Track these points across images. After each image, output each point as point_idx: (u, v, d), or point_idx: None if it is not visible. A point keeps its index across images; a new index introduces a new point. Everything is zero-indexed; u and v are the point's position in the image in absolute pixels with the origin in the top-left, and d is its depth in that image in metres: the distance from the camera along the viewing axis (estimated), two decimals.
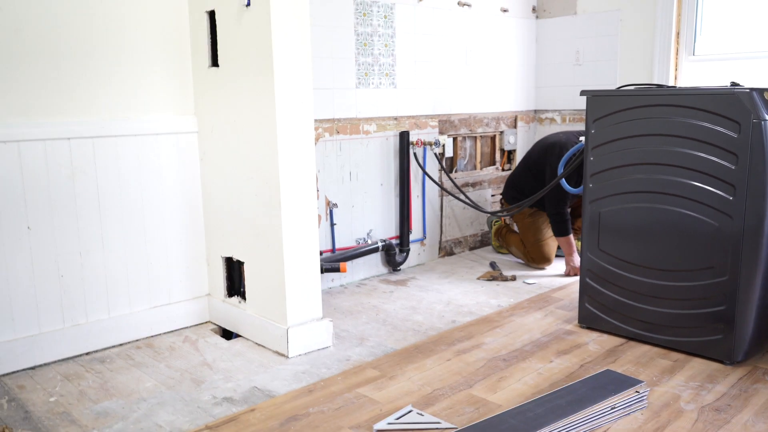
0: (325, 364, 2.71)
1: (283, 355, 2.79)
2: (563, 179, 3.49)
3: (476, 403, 2.33)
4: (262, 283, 2.89)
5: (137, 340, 3.00)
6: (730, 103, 2.46)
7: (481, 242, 4.63)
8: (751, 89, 2.43)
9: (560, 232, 3.85)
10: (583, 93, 2.89)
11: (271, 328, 2.84)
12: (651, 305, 2.77)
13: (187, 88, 3.07)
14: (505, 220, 4.53)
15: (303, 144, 2.74)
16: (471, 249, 4.56)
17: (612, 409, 2.19)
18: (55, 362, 2.77)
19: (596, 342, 2.86)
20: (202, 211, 3.17)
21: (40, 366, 2.73)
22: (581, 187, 3.38)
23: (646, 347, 2.78)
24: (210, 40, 2.96)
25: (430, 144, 4.04)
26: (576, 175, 3.70)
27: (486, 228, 4.63)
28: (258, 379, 2.59)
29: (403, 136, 3.92)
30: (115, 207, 2.89)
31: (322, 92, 3.53)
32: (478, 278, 3.85)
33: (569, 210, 3.90)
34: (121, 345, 2.95)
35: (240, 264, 3.04)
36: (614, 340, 2.87)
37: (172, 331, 3.11)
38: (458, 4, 4.21)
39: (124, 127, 2.88)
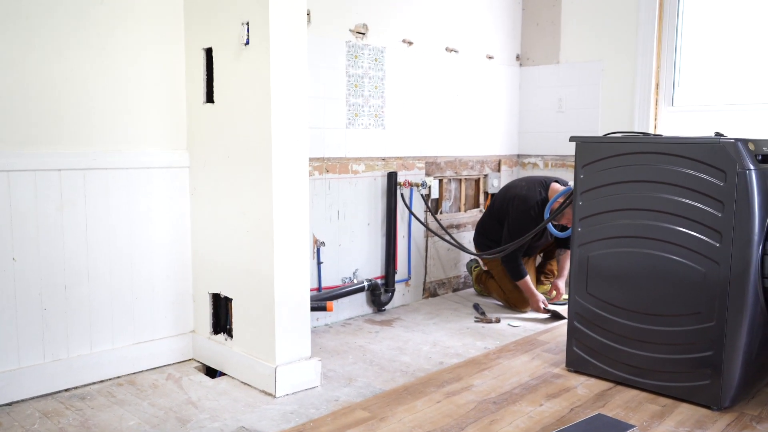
0: (313, 404, 2.67)
1: (270, 394, 2.74)
2: (549, 224, 3.53)
3: None
4: (251, 320, 2.85)
5: (119, 377, 2.93)
6: (716, 153, 2.53)
7: (464, 284, 4.64)
8: (736, 140, 2.51)
9: (515, 276, 3.93)
10: (572, 139, 2.96)
11: (258, 367, 2.79)
12: (639, 349, 2.79)
13: (180, 123, 3.07)
14: (483, 265, 4.55)
15: (297, 182, 2.75)
16: (454, 291, 4.57)
17: None
18: (33, 398, 2.68)
19: (585, 386, 2.87)
20: (191, 246, 3.13)
21: (18, 402, 2.64)
22: (568, 230, 3.44)
23: (635, 392, 2.80)
24: (206, 77, 2.97)
25: (417, 185, 4.08)
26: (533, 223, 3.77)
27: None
28: (245, 418, 2.53)
29: (391, 177, 3.95)
30: (102, 240, 2.85)
31: (313, 131, 3.56)
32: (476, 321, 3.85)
33: (529, 254, 3.99)
34: (102, 381, 2.87)
35: (228, 300, 3.00)
36: (602, 384, 2.88)
37: (155, 368, 3.04)
38: (446, 49, 4.30)
39: (115, 160, 2.86)
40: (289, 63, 2.67)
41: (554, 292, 4.13)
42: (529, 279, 3.94)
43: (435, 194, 4.30)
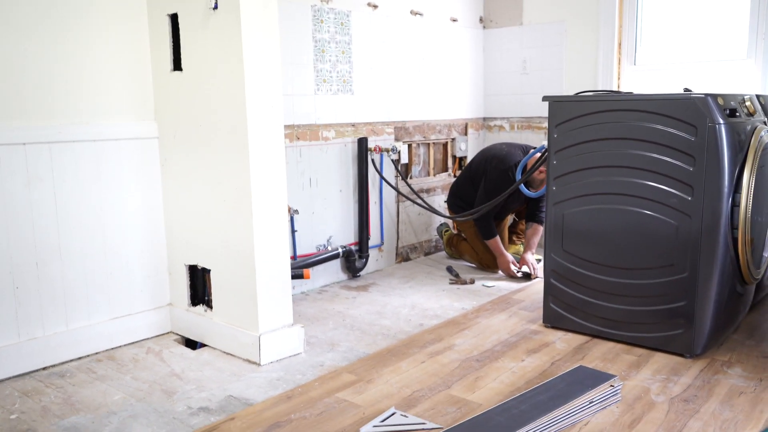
0: (299, 370, 2.68)
1: (254, 363, 2.74)
2: (522, 184, 3.57)
3: (457, 403, 2.35)
4: (231, 290, 2.83)
5: (97, 353, 2.88)
6: (687, 108, 2.59)
7: (436, 248, 4.68)
8: (706, 95, 2.57)
9: (486, 235, 3.97)
10: (545, 98, 2.98)
11: (241, 336, 2.78)
12: (614, 303, 2.87)
13: (147, 93, 2.98)
14: (453, 229, 4.59)
15: (274, 147, 2.71)
16: (426, 254, 4.60)
17: (590, 403, 2.26)
18: (10, 378, 2.62)
19: (562, 340, 2.94)
20: (164, 219, 3.07)
21: None
22: (541, 190, 3.48)
23: (611, 344, 2.89)
24: (172, 44, 2.89)
25: (388, 150, 4.07)
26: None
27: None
28: (232, 387, 2.53)
29: (362, 143, 3.93)
30: (73, 215, 2.77)
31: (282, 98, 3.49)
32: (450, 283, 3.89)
33: (501, 216, 4.06)
34: (80, 358, 2.82)
35: (205, 272, 2.97)
36: (579, 338, 2.96)
37: (134, 343, 3.00)
38: (411, 12, 4.27)
39: (82, 132, 2.77)
40: (261, 26, 2.61)
41: (524, 267, 4.14)
42: (498, 239, 3.99)
43: (405, 159, 4.30)
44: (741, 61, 3.89)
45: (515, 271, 3.98)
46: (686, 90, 2.76)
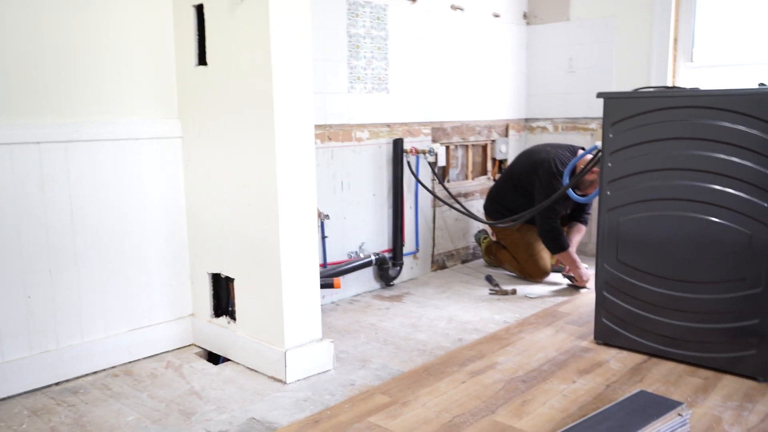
0: (327, 389, 2.46)
1: (280, 380, 2.53)
2: (570, 189, 3.31)
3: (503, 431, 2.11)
4: (256, 301, 2.63)
5: (114, 367, 2.70)
6: (764, 104, 2.31)
7: (473, 255, 4.43)
8: None
9: (558, 248, 3.66)
10: (599, 95, 2.72)
11: (266, 351, 2.57)
12: (675, 319, 2.60)
13: (170, 90, 2.81)
14: (492, 236, 4.32)
15: (303, 148, 2.51)
16: (463, 262, 4.35)
17: None
18: (20, 395, 2.45)
19: (617, 359, 2.67)
20: (186, 224, 2.89)
21: (4, 399, 2.41)
22: (591, 195, 3.21)
23: (671, 364, 2.61)
24: (197, 37, 2.71)
25: (425, 152, 3.84)
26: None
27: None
28: (255, 408, 2.32)
29: (397, 144, 3.71)
30: (90, 219, 2.60)
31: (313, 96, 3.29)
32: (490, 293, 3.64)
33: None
34: (95, 373, 2.64)
35: (229, 281, 2.77)
36: (636, 357, 2.68)
37: (153, 356, 2.81)
38: (451, 7, 4.03)
39: (101, 131, 2.60)
40: (291, 16, 2.41)
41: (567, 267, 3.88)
42: (572, 250, 3.70)
43: (442, 162, 4.05)
44: None
45: (564, 275, 3.73)
46: (761, 85, 2.47)
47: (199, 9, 2.68)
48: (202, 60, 2.71)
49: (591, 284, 3.53)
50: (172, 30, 2.78)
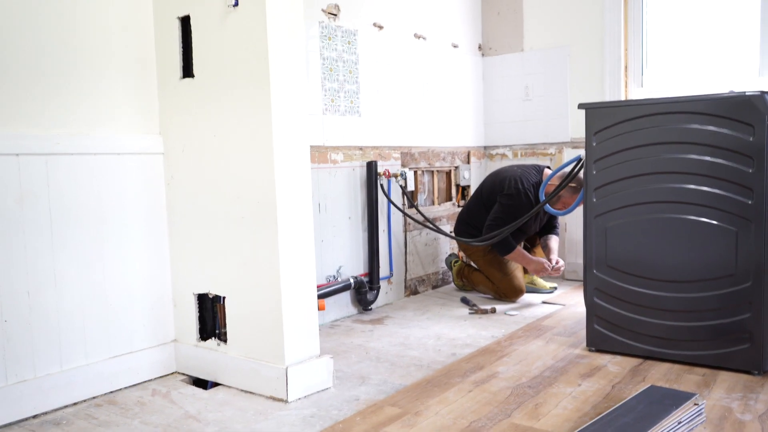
0: (333, 405, 2.36)
1: (280, 399, 2.41)
2: (547, 204, 3.37)
3: None
4: (250, 319, 2.51)
5: (95, 397, 2.50)
6: (741, 107, 2.45)
7: (443, 281, 4.42)
8: (762, 92, 2.43)
9: (506, 250, 3.74)
10: (581, 106, 2.82)
11: (263, 370, 2.45)
12: (667, 320, 2.66)
13: (151, 105, 2.71)
14: (463, 259, 4.36)
15: (299, 159, 2.46)
16: (434, 287, 4.34)
17: (679, 423, 2.01)
18: None
19: (614, 363, 2.70)
20: (168, 243, 2.76)
21: None
22: (569, 208, 3.28)
23: (667, 364, 2.65)
24: (182, 49, 2.64)
25: (396, 176, 3.85)
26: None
27: (445, 266, 4.44)
28: (261, 428, 2.19)
29: (371, 167, 3.70)
30: (70, 237, 2.44)
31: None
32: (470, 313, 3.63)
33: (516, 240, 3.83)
34: (75, 404, 2.44)
35: (217, 301, 2.65)
36: (631, 360, 2.72)
37: (136, 385, 2.63)
38: (415, 36, 4.12)
39: (82, 144, 2.47)
40: (287, 25, 2.39)
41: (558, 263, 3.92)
42: (520, 248, 3.77)
43: (411, 186, 4.07)
44: (753, 80, 3.82)
45: (549, 267, 3.79)
46: (731, 92, 2.62)
47: (184, 21, 2.63)
48: (187, 72, 2.64)
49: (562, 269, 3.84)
50: (153, 43, 2.71)
